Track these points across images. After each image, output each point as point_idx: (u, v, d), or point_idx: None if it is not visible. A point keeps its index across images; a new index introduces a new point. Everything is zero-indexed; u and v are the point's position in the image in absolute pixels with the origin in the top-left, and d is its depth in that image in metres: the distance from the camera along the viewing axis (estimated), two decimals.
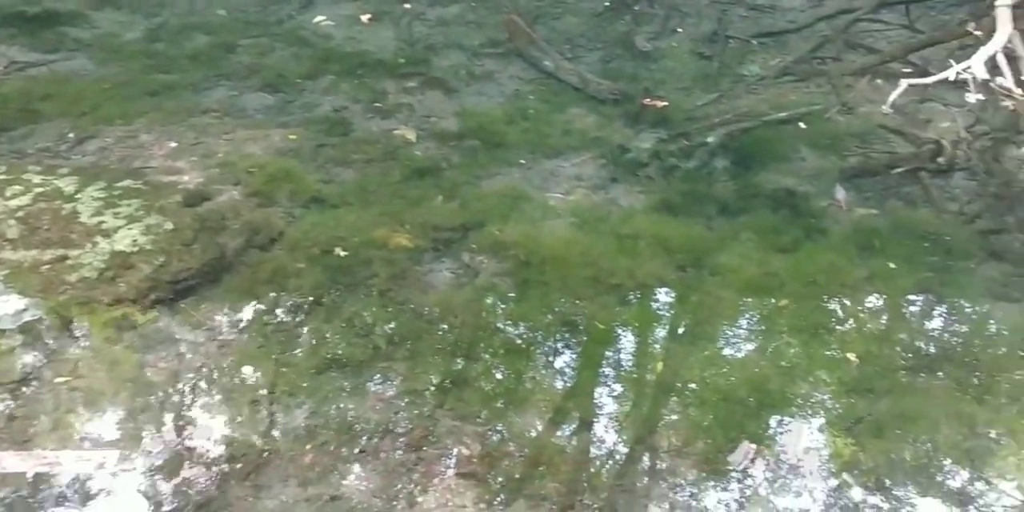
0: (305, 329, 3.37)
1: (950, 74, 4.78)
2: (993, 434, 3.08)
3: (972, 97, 4.82)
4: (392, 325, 3.38)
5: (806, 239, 4.00)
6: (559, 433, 3.04)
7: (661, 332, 3.53)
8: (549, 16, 5.84)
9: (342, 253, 3.66)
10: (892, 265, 3.78)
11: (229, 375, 3.14)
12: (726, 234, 4.03)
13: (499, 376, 3.24)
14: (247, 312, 3.46)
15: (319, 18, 5.56)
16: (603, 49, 5.55)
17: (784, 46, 5.49)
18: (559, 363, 3.35)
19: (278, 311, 3.46)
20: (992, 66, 4.84)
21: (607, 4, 5.91)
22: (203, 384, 3.11)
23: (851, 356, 3.30)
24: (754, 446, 2.98)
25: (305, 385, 3.13)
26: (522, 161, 4.49)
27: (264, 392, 3.09)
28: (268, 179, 4.09)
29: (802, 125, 4.73)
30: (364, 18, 5.55)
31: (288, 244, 3.74)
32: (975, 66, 4.77)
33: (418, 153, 4.49)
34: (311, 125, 4.63)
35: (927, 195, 4.31)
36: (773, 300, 3.63)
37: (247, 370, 3.19)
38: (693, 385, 3.21)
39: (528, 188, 4.32)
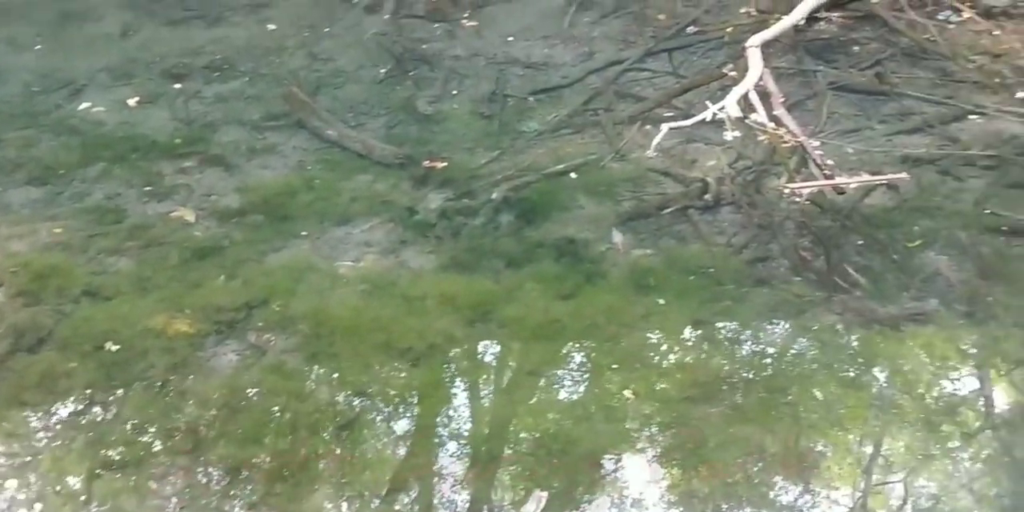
0: (78, 432, 3.26)
1: (707, 115, 5.22)
2: (771, 455, 3.30)
3: (730, 135, 5.26)
4: (172, 417, 3.31)
5: (587, 284, 4.20)
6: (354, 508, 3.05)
7: (451, 389, 3.61)
8: (330, 86, 5.95)
9: (113, 348, 3.57)
10: (664, 301, 4.03)
11: None
12: (512, 286, 4.19)
13: (289, 457, 3.23)
14: (16, 421, 3.31)
15: (85, 105, 5.47)
16: (386, 115, 5.70)
17: (559, 101, 5.78)
18: (351, 435, 3.37)
19: (49, 416, 3.33)
20: (748, 103, 5.31)
21: (387, 71, 6.07)
22: None
23: (628, 393, 3.49)
24: (544, 493, 3.08)
25: (81, 492, 3.02)
26: (306, 232, 4.53)
27: (38, 504, 2.96)
28: (34, 277, 3.97)
29: (573, 176, 4.98)
30: (131, 102, 5.49)
31: (58, 344, 3.62)
32: (729, 105, 5.21)
33: (198, 234, 4.46)
34: (82, 216, 4.52)
35: (697, 231, 4.61)
36: (557, 346, 3.79)
37: (16, 483, 3.05)
38: (483, 438, 3.30)
39: (316, 258, 4.37)
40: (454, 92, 5.89)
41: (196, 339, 3.71)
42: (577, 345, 3.78)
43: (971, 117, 5.30)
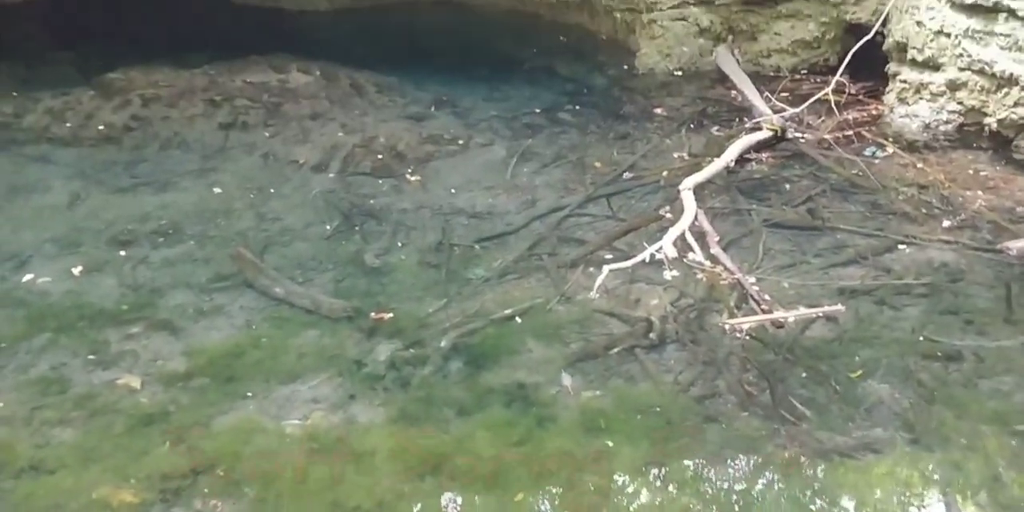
0: None
1: (645, 256, 5.53)
2: None
3: (669, 274, 5.55)
4: None
5: (538, 428, 4.33)
6: None
7: None
8: (278, 244, 6.19)
9: None
10: (615, 443, 4.15)
11: None
12: (463, 435, 4.30)
13: None
14: None
15: (29, 276, 5.64)
16: (334, 269, 5.91)
17: (504, 247, 6.07)
18: None
19: None
20: (685, 243, 5.63)
21: (334, 227, 6.35)
22: None
23: None
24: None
25: None
26: (252, 393, 4.63)
27: None
28: None
29: (520, 320, 5.19)
30: (77, 271, 5.68)
31: None
32: (666, 246, 5.54)
33: (143, 400, 4.54)
34: (25, 388, 4.60)
35: (644, 370, 4.80)
36: (509, 495, 3.87)
37: None
38: None
39: (262, 419, 4.45)
40: (401, 244, 6.15)
41: (141, 509, 3.73)
42: (529, 493, 3.86)
43: (902, 247, 5.66)
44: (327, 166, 7.09)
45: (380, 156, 7.22)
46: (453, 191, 6.77)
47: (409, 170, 7.05)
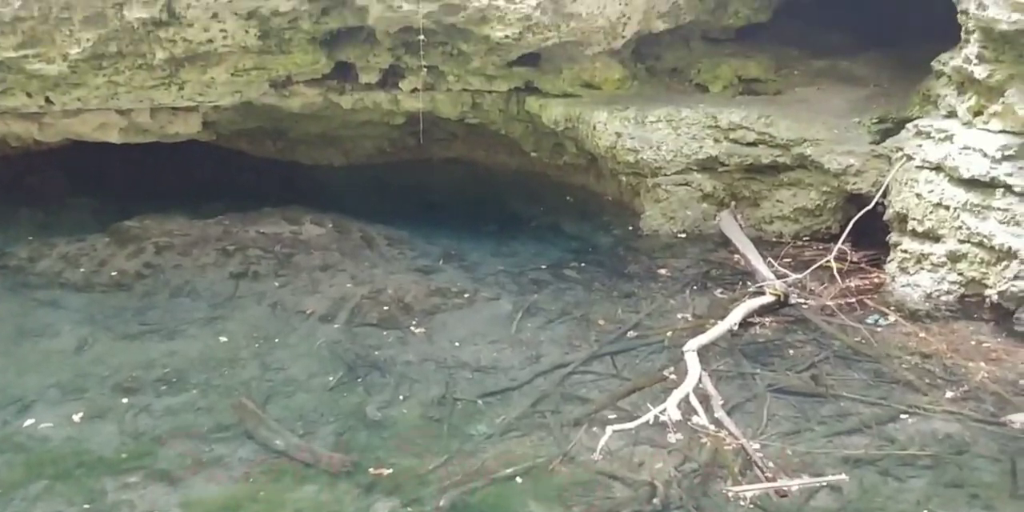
0: None
1: (649, 417, 5.66)
2: None
3: (673, 437, 5.66)
4: None
5: None
6: None
7: None
8: (281, 395, 6.33)
9: None
10: None
11: None
12: None
13: None
14: None
15: (31, 422, 5.76)
16: (336, 422, 6.02)
17: (508, 403, 6.19)
18: None
19: None
20: (689, 406, 5.76)
21: (338, 378, 6.49)
22: None
23: None
24: None
25: None
26: None
27: None
28: None
29: (521, 480, 5.25)
30: (78, 417, 5.80)
31: None
32: (670, 408, 5.68)
33: None
34: None
35: None
36: None
37: None
38: None
39: None
40: (404, 397, 6.28)
41: None
42: None
43: (905, 417, 5.78)
44: (334, 317, 7.32)
45: (387, 308, 7.45)
46: (458, 344, 6.97)
47: (415, 322, 7.27)
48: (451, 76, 9.66)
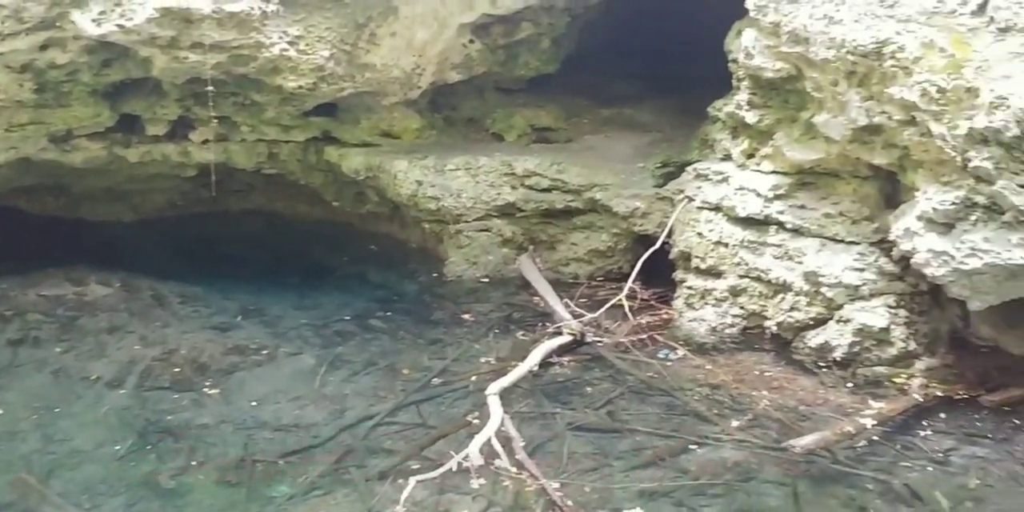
0: None
1: (452, 465, 5.65)
2: None
3: (477, 483, 5.67)
4: None
5: None
6: None
7: None
8: (65, 467, 5.92)
9: None
10: None
11: None
12: None
13: None
14: None
15: None
16: (126, 493, 5.68)
17: (311, 461, 6.02)
18: None
19: None
20: (492, 450, 5.78)
21: (127, 447, 6.13)
22: None
23: None
24: None
25: None
26: None
27: None
28: None
29: None
30: None
31: None
32: (472, 454, 5.68)
33: None
34: None
35: None
36: None
37: None
38: None
39: None
40: (199, 462, 6.00)
41: None
42: None
43: (696, 448, 6.02)
44: (122, 381, 6.96)
45: (180, 369, 7.15)
46: (257, 403, 6.75)
47: (210, 383, 7.00)
48: (245, 126, 9.48)
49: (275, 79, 8.50)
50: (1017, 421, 6.19)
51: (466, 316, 8.31)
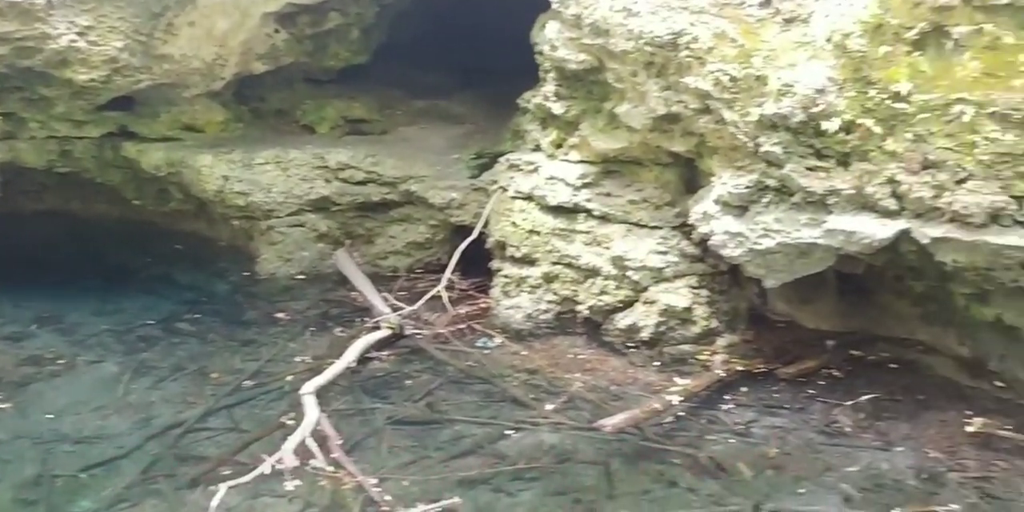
0: None
1: (265, 469, 5.49)
2: None
3: (292, 484, 5.54)
4: None
5: None
6: None
7: None
8: None
9: None
10: None
11: None
12: None
13: None
14: None
15: None
16: None
17: (116, 473, 5.71)
18: None
19: None
20: (307, 450, 5.66)
21: None
22: None
23: None
24: None
25: None
26: None
27: None
28: None
29: None
30: None
31: None
32: (286, 456, 5.55)
33: None
34: None
35: None
36: None
37: None
38: None
39: None
40: None
41: None
42: None
43: (513, 433, 6.10)
44: None
45: None
46: (55, 416, 6.37)
47: (3, 396, 6.56)
48: (33, 123, 8.92)
49: (64, 72, 8.03)
50: (811, 391, 6.58)
51: (281, 315, 8.12)
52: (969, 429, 5.81)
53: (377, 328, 7.45)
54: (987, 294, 6.19)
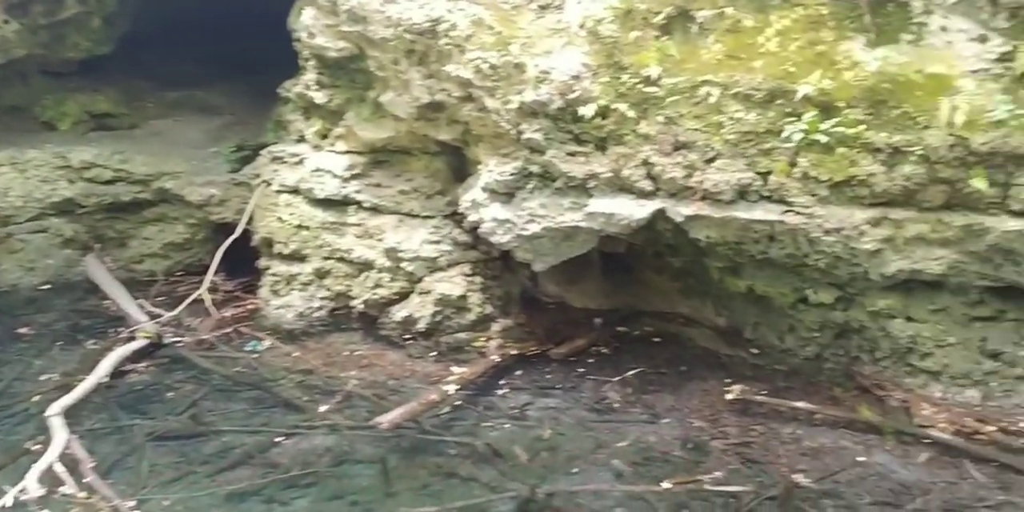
0: None
1: (7, 501, 4.99)
2: None
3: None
4: None
5: None
6: None
7: None
8: None
9: None
10: None
11: None
12: None
13: None
14: None
15: None
16: None
17: None
18: None
19: None
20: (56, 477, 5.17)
21: None
22: None
23: None
24: None
25: None
26: None
27: None
28: None
29: None
30: None
31: None
32: (30, 485, 5.06)
33: None
34: None
35: None
36: None
37: None
38: None
39: None
40: None
41: None
42: None
43: (284, 439, 5.84)
44: None
45: None
46: None
47: None
48: None
49: None
50: (582, 370, 6.71)
51: (24, 330, 7.51)
52: (729, 397, 6.08)
53: (133, 338, 6.94)
54: (739, 266, 6.51)
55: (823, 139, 5.54)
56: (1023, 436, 5.44)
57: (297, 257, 7.63)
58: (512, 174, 6.46)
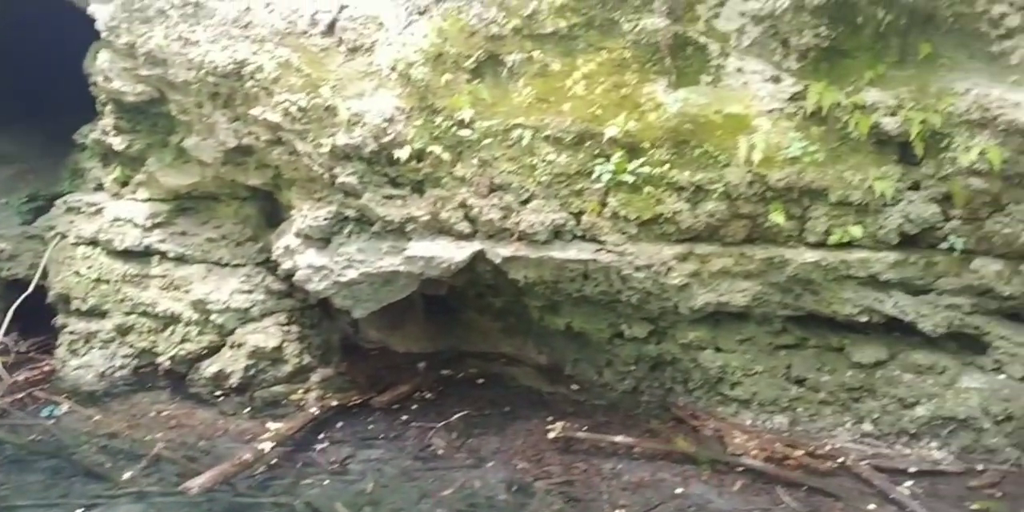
0: None
1: None
2: None
3: None
4: None
5: None
6: None
7: None
8: None
9: None
10: None
11: None
12: None
13: None
14: None
15: None
16: None
17: None
18: None
19: None
20: None
21: None
22: None
23: None
24: None
25: None
26: None
27: None
28: None
29: None
30: None
31: None
32: None
33: None
34: None
35: None
36: None
37: None
38: None
39: None
40: None
41: None
42: None
43: (85, 511, 5.38)
44: None
45: None
46: None
47: None
48: None
49: None
50: (405, 417, 6.56)
51: None
52: (551, 435, 6.07)
53: None
54: (557, 304, 6.57)
55: (630, 179, 5.70)
56: (829, 459, 5.66)
57: (97, 313, 7.16)
58: (327, 219, 6.31)
